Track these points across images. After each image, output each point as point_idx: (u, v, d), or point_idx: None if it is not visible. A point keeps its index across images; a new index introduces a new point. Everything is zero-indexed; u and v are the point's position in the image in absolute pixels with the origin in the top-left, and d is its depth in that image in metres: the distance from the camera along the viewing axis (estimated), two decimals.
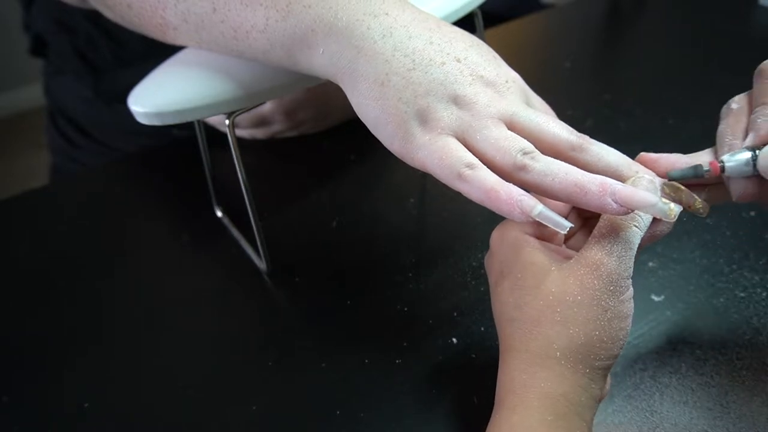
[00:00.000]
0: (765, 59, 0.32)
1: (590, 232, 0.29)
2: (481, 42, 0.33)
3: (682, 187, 0.30)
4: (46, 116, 0.73)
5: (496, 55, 0.33)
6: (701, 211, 0.30)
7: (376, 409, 0.36)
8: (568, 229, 0.27)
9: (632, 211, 0.27)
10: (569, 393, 0.27)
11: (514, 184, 0.28)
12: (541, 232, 0.31)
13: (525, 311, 0.28)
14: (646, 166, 0.31)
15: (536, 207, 0.27)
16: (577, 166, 0.28)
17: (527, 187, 0.29)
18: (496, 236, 0.32)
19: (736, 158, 0.30)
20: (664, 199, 0.27)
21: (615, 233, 0.28)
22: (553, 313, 0.28)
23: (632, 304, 0.29)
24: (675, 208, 0.27)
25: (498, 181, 0.28)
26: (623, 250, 0.28)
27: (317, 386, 0.37)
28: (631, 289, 0.29)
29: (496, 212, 0.28)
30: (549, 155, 0.29)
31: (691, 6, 0.78)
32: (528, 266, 0.29)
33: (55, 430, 0.37)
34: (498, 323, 0.31)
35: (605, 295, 0.27)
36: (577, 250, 0.30)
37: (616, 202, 0.27)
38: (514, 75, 0.33)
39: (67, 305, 0.44)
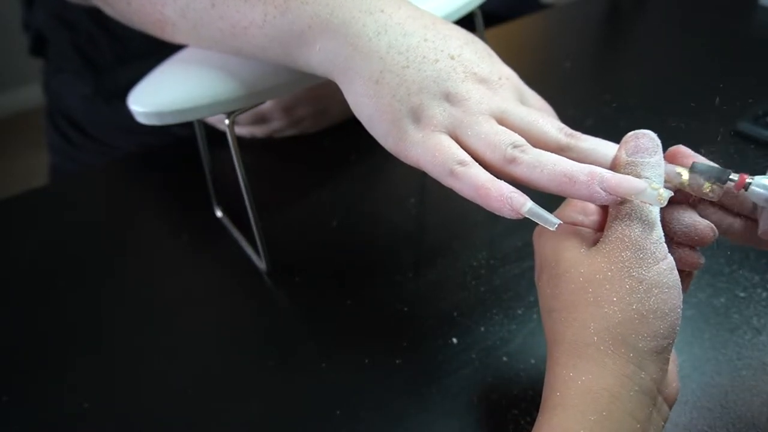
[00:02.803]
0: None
1: None
2: (476, 39, 0.33)
3: (686, 172, 0.29)
4: (46, 116, 0.73)
5: (491, 52, 0.33)
6: (711, 195, 0.29)
7: (376, 409, 0.36)
8: (556, 226, 0.27)
9: (621, 199, 0.26)
10: (613, 386, 0.25)
11: (506, 177, 0.28)
12: (575, 219, 0.31)
13: (560, 299, 0.27)
14: (677, 158, 0.30)
15: (526, 204, 0.27)
16: None
17: (518, 181, 0.28)
18: (536, 232, 0.31)
19: (765, 183, 0.27)
20: (653, 185, 0.26)
21: (629, 202, 0.27)
22: (586, 294, 0.26)
23: (676, 276, 0.26)
24: (664, 194, 0.26)
25: (489, 179, 0.28)
26: (642, 214, 0.27)
27: (317, 386, 0.37)
28: (670, 258, 0.26)
29: (488, 209, 0.28)
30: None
31: (691, 6, 0.78)
32: (560, 254, 0.28)
33: (55, 430, 0.37)
34: (542, 319, 0.29)
35: (636, 265, 0.26)
36: None
37: (604, 191, 0.26)
38: (508, 72, 0.33)
39: (68, 305, 0.44)
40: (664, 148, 0.32)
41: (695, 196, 0.29)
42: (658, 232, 0.27)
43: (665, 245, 0.27)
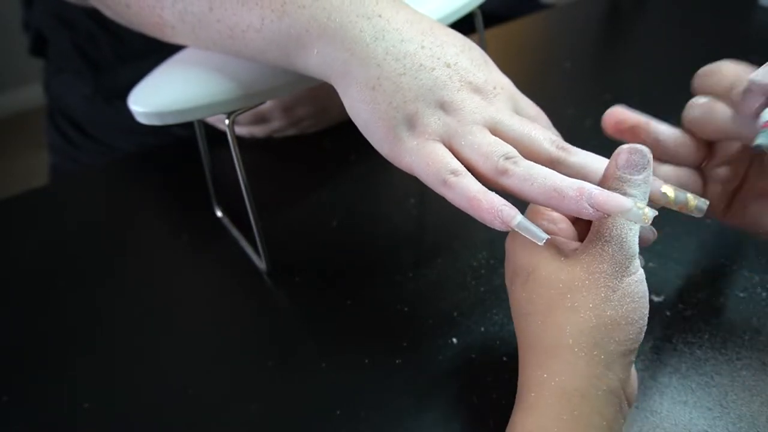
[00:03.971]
0: (765, 59, 0.32)
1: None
2: (473, 46, 0.33)
3: (672, 191, 0.30)
4: (46, 116, 0.73)
5: (488, 60, 0.33)
6: (695, 211, 0.30)
7: (376, 409, 0.36)
8: (545, 240, 0.28)
9: (608, 215, 0.27)
10: (584, 387, 0.26)
11: (498, 188, 0.29)
12: (549, 227, 0.32)
13: (537, 304, 0.29)
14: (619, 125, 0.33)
15: (516, 217, 0.28)
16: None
17: (509, 192, 0.29)
18: (509, 238, 0.32)
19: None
20: (639, 204, 0.27)
21: (611, 218, 0.28)
22: (564, 300, 0.28)
23: (645, 287, 0.28)
24: (649, 213, 0.27)
25: (480, 190, 0.28)
26: (623, 231, 0.28)
27: (317, 386, 0.37)
28: (641, 271, 0.28)
29: (479, 220, 0.28)
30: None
31: (691, 6, 0.78)
32: (537, 261, 0.29)
33: (55, 430, 0.37)
34: (515, 321, 0.31)
35: (612, 276, 0.27)
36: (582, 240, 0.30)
37: (592, 207, 0.27)
38: (504, 81, 0.33)
39: (67, 305, 0.44)
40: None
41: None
42: (633, 248, 0.28)
43: (638, 260, 0.28)
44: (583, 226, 0.33)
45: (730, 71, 0.33)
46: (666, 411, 0.34)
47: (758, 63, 0.33)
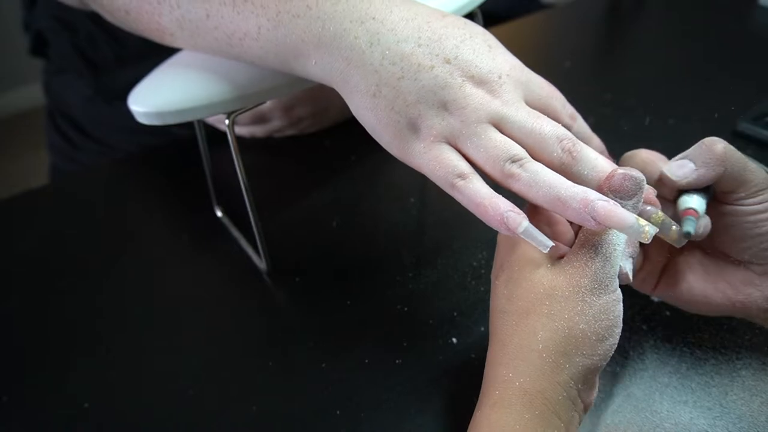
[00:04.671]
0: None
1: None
2: (474, 32, 0.32)
3: (659, 219, 0.31)
4: (46, 116, 0.73)
5: (493, 44, 0.32)
6: (676, 242, 0.31)
7: (376, 409, 0.36)
8: (549, 248, 0.28)
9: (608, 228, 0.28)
10: (547, 390, 0.27)
11: (504, 189, 0.29)
12: (545, 230, 0.32)
13: (516, 303, 0.29)
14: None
15: (522, 224, 0.28)
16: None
17: (517, 194, 0.29)
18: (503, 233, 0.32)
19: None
20: (640, 220, 0.27)
21: (599, 234, 0.29)
22: (542, 306, 0.28)
23: (621, 308, 0.29)
24: (650, 230, 0.27)
25: (487, 195, 0.29)
26: (608, 250, 0.29)
27: (317, 386, 0.37)
28: (619, 291, 0.29)
29: (486, 224, 0.29)
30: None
31: (691, 6, 0.78)
32: (524, 261, 0.30)
33: (55, 430, 0.37)
34: (491, 316, 0.31)
35: (590, 292, 0.28)
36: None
37: (594, 219, 0.27)
38: (509, 66, 0.31)
39: (67, 305, 0.44)
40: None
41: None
42: (615, 268, 0.29)
43: (617, 280, 0.29)
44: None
45: (642, 159, 0.34)
46: (666, 411, 0.34)
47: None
